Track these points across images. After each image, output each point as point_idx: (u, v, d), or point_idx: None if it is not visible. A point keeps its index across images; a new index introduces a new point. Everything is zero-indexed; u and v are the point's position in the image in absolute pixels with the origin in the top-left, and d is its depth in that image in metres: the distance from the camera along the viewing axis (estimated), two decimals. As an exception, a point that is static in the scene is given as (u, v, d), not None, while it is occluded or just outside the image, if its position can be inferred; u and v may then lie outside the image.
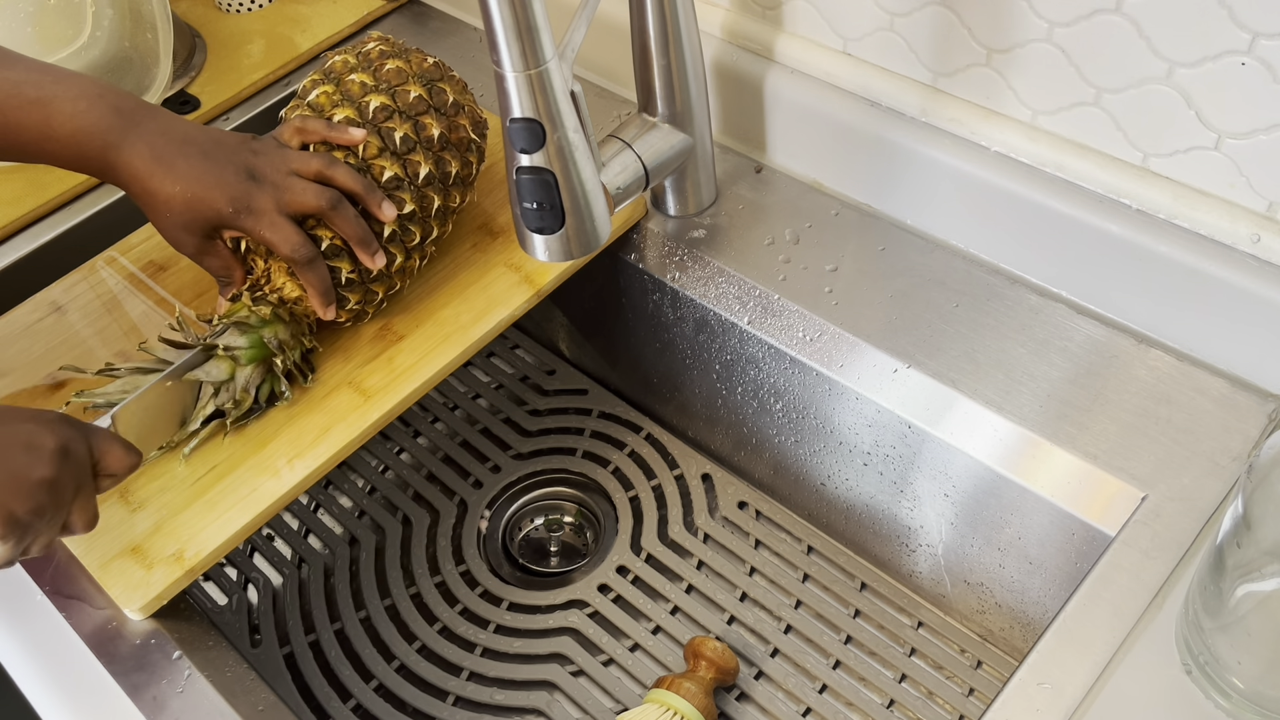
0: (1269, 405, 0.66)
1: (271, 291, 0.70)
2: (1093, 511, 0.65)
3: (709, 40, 0.82)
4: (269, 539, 0.89)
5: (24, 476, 0.54)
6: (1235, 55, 0.59)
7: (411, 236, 0.72)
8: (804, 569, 0.84)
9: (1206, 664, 0.54)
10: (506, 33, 0.55)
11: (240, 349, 0.68)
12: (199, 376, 0.67)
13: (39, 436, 0.55)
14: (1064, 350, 0.70)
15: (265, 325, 0.68)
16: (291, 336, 0.70)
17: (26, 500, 0.54)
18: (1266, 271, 0.64)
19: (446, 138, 0.73)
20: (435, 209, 0.73)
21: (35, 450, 0.55)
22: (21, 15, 0.91)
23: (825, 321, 0.75)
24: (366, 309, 0.73)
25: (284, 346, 0.69)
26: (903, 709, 0.76)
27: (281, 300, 0.70)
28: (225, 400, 0.68)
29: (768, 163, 0.86)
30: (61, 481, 0.56)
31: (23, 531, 0.55)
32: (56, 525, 0.57)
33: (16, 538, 0.55)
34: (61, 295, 0.80)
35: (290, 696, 0.78)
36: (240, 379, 0.68)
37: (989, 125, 0.72)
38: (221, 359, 0.67)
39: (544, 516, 0.92)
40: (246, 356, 0.68)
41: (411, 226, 0.71)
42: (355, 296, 0.71)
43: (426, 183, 0.72)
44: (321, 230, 0.68)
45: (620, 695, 0.78)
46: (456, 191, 0.75)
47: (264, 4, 1.06)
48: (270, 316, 0.69)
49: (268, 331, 0.68)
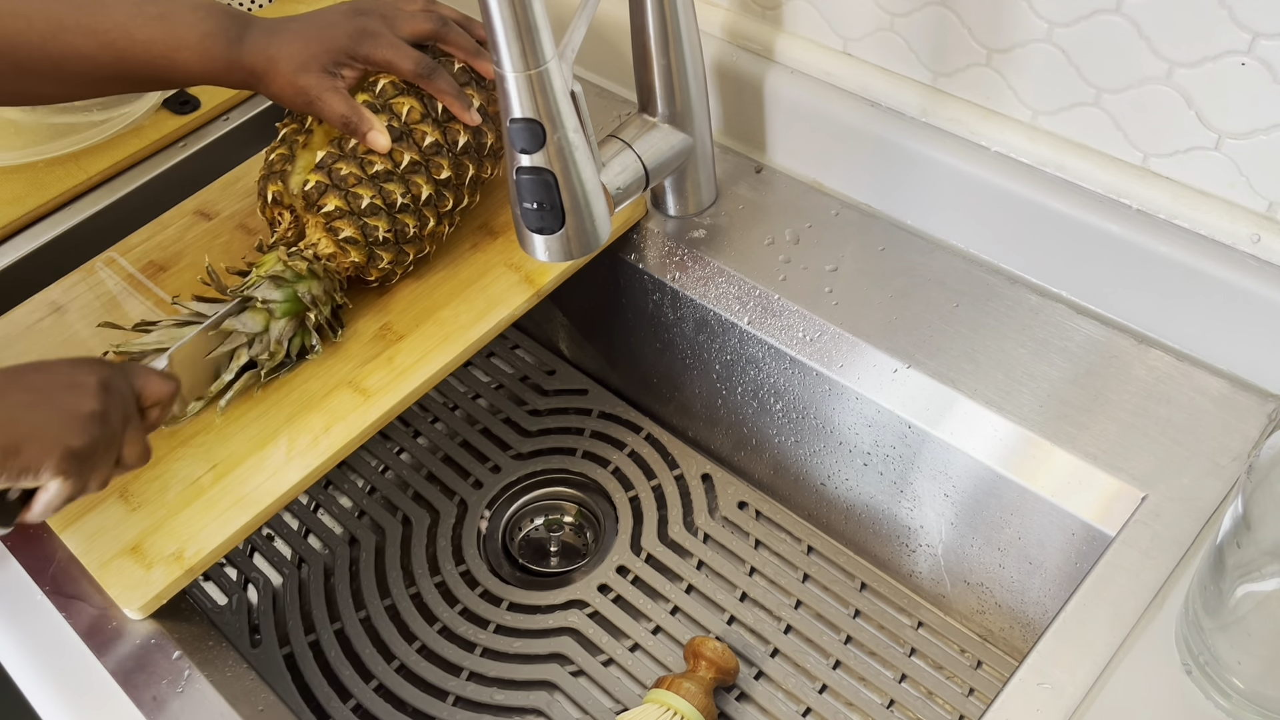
0: (1269, 405, 0.66)
1: (306, 247, 0.71)
2: (1092, 511, 0.65)
3: (709, 40, 0.82)
4: (269, 539, 0.89)
5: (73, 411, 0.57)
6: (1235, 55, 0.59)
7: (445, 202, 0.74)
8: (804, 569, 0.84)
9: (1206, 664, 0.54)
10: (506, 33, 0.55)
11: (276, 302, 0.69)
12: (235, 326, 0.69)
13: (79, 375, 0.58)
14: (1064, 350, 0.70)
15: (300, 280, 0.70)
16: (324, 292, 0.71)
17: (81, 434, 0.57)
18: (1266, 271, 0.64)
19: (485, 110, 0.75)
20: (469, 178, 0.75)
21: (79, 387, 0.58)
22: (21, 15, 0.91)
23: (825, 321, 0.75)
24: (396, 269, 0.75)
25: (316, 301, 0.71)
26: (903, 709, 0.76)
27: (316, 256, 0.71)
28: (260, 351, 0.69)
29: (768, 163, 0.86)
30: (110, 414, 0.58)
31: (80, 465, 0.57)
32: (111, 459, 0.60)
33: (77, 472, 0.57)
34: (61, 295, 0.80)
35: (290, 696, 0.78)
36: (274, 331, 0.70)
37: (989, 125, 0.72)
38: (258, 311, 0.69)
39: (544, 516, 0.92)
40: (281, 310, 0.69)
41: (446, 193, 0.74)
42: (388, 256, 0.73)
43: (464, 151, 0.74)
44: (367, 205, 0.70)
45: (620, 695, 0.78)
46: (489, 163, 0.77)
47: (264, 4, 1.06)
48: (305, 272, 0.70)
49: (302, 286, 0.70)
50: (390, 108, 0.71)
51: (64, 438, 0.56)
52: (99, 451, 0.58)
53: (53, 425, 0.56)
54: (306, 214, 0.71)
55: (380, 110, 0.71)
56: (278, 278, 0.69)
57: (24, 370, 0.58)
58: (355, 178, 0.70)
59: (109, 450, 0.59)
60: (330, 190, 0.70)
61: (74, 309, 0.79)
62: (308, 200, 0.70)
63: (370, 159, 0.71)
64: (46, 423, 0.56)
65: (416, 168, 0.72)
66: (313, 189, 0.70)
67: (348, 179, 0.70)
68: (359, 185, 0.70)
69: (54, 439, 0.56)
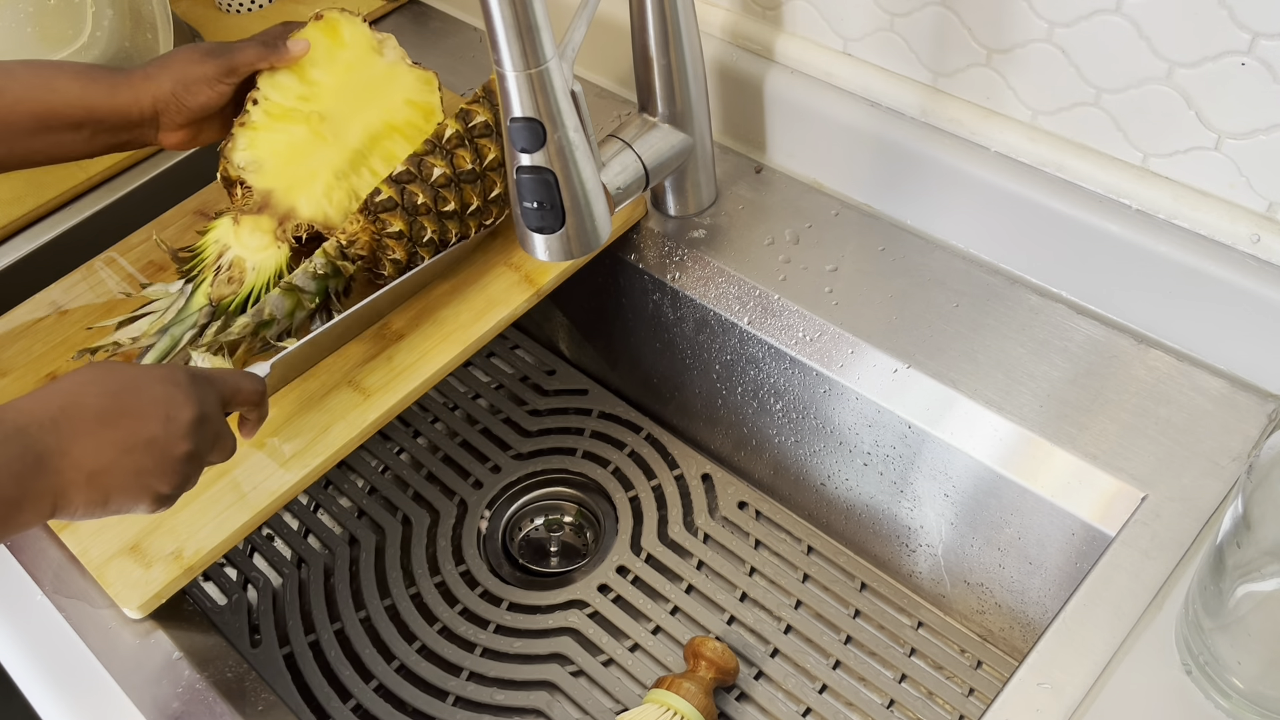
0: (1269, 405, 0.66)
1: (355, 253, 0.72)
2: (1093, 511, 0.65)
3: (709, 40, 0.82)
4: (269, 539, 0.89)
5: (166, 457, 0.55)
6: (1235, 55, 0.59)
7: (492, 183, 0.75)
8: (804, 569, 0.84)
9: (1206, 664, 0.54)
10: (507, 32, 0.55)
11: (309, 294, 0.71)
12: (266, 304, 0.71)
13: (174, 407, 0.56)
14: (1064, 350, 0.70)
15: (332, 278, 0.72)
16: (345, 289, 0.74)
17: (172, 480, 0.56)
18: (1266, 271, 0.64)
19: None
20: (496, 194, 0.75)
21: (172, 425, 0.55)
22: (21, 15, 0.91)
23: (825, 321, 0.75)
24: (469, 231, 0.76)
25: (337, 294, 0.73)
26: (903, 709, 0.76)
27: (359, 256, 0.72)
28: (273, 331, 0.71)
29: (768, 163, 0.86)
30: (200, 451, 0.57)
31: (167, 502, 0.57)
32: (196, 478, 0.59)
33: (161, 505, 0.57)
34: (61, 295, 0.80)
35: (290, 696, 0.78)
36: (297, 317, 0.72)
37: (989, 125, 0.72)
38: (289, 295, 0.71)
39: (544, 516, 0.92)
40: (309, 299, 0.71)
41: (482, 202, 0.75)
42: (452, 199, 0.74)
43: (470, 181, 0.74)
44: None
45: (620, 695, 0.78)
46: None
47: (264, 4, 1.06)
48: (339, 269, 0.71)
49: (333, 283, 0.72)
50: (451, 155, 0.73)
51: (154, 485, 0.55)
52: (187, 485, 0.57)
53: (144, 474, 0.54)
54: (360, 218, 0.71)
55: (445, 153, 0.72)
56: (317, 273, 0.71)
57: (119, 393, 0.55)
58: (426, 207, 0.72)
59: (196, 476, 0.58)
60: (399, 211, 0.71)
61: (74, 309, 0.79)
62: (368, 208, 0.71)
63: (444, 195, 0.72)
64: (138, 470, 0.54)
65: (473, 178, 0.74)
66: (384, 200, 0.71)
67: (420, 207, 0.71)
68: (426, 215, 0.72)
69: (144, 487, 0.55)
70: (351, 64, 0.78)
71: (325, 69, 0.77)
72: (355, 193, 0.75)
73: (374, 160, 0.76)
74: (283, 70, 0.76)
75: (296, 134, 0.75)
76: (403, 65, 0.79)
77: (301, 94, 0.76)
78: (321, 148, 0.75)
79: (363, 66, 0.78)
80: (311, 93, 0.76)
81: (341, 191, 0.74)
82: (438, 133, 0.72)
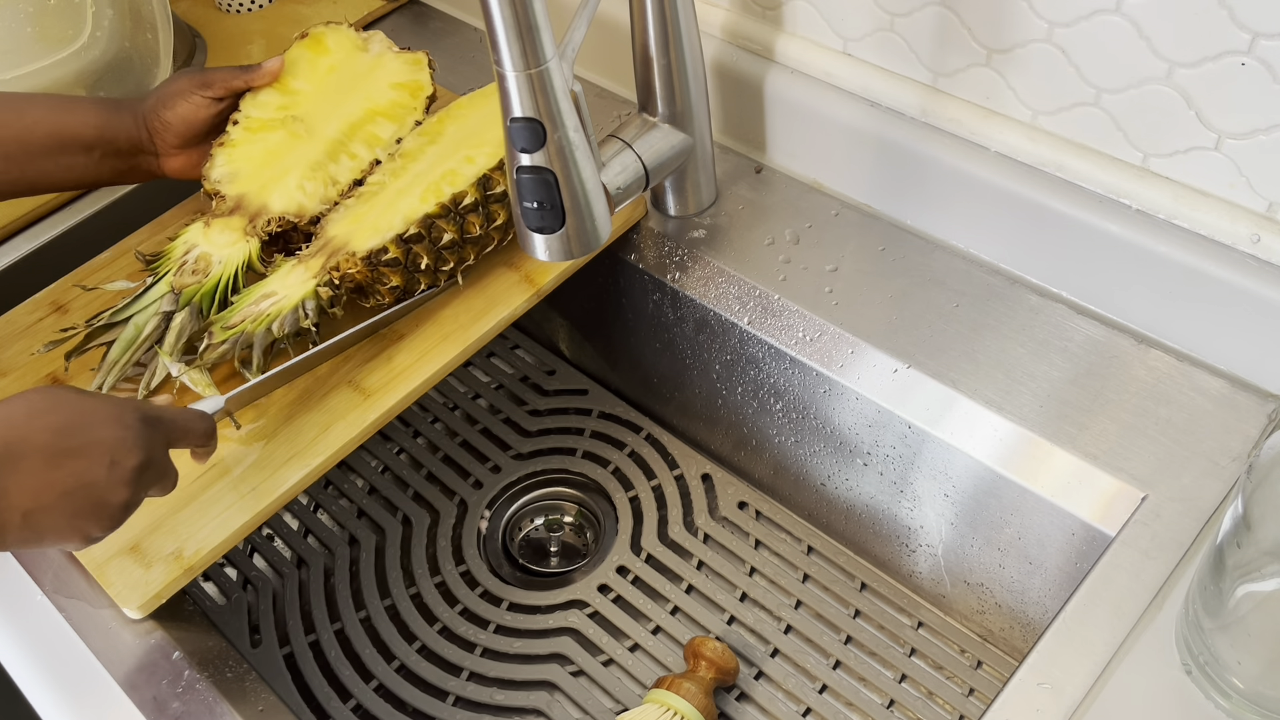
0: (1269, 405, 0.66)
1: (344, 282, 0.71)
2: (1093, 511, 0.65)
3: (709, 40, 0.82)
4: (269, 539, 0.89)
5: (105, 503, 0.54)
6: (1235, 55, 0.59)
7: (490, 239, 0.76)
8: (804, 569, 0.84)
9: (1206, 664, 0.54)
10: (507, 32, 0.55)
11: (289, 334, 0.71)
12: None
13: (122, 452, 0.55)
14: (1064, 350, 0.70)
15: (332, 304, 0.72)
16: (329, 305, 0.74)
17: (105, 524, 0.55)
18: (1266, 271, 0.64)
19: None
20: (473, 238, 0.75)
21: (117, 469, 0.54)
22: (21, 15, 0.91)
23: (825, 321, 0.75)
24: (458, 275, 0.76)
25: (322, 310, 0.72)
26: (903, 709, 0.76)
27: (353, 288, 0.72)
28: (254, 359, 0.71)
29: (768, 163, 0.86)
30: (139, 496, 0.56)
31: (99, 539, 0.56)
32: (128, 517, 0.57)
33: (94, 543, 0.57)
34: (61, 295, 0.80)
35: (290, 696, 0.78)
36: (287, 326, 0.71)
37: (989, 125, 0.72)
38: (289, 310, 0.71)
39: (544, 516, 0.92)
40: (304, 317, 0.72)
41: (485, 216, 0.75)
42: (453, 259, 0.74)
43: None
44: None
45: (620, 695, 0.78)
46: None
47: (264, 4, 1.06)
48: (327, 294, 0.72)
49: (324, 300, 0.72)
50: None
51: (87, 529, 0.54)
52: (118, 526, 0.56)
53: (79, 516, 0.54)
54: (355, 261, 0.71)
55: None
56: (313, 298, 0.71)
57: (67, 431, 0.54)
58: (428, 267, 0.72)
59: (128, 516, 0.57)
60: (400, 269, 0.72)
61: (74, 309, 0.79)
62: (371, 261, 0.70)
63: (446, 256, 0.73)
64: (75, 513, 0.53)
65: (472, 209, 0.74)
66: (389, 259, 0.71)
67: (424, 267, 0.72)
68: (424, 273, 0.73)
69: (76, 530, 0.54)
70: (334, 66, 0.80)
71: (306, 78, 0.79)
72: (333, 178, 0.76)
73: (354, 145, 0.77)
74: (265, 89, 0.77)
75: (273, 140, 0.76)
76: (389, 54, 0.80)
77: (281, 104, 0.78)
78: (297, 146, 0.76)
79: (346, 66, 0.80)
80: (291, 101, 0.78)
81: (317, 180, 0.75)
82: (455, 198, 0.72)
